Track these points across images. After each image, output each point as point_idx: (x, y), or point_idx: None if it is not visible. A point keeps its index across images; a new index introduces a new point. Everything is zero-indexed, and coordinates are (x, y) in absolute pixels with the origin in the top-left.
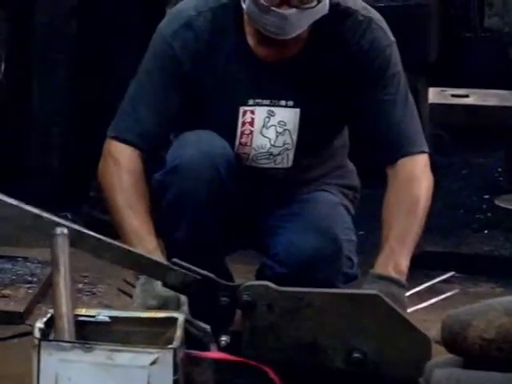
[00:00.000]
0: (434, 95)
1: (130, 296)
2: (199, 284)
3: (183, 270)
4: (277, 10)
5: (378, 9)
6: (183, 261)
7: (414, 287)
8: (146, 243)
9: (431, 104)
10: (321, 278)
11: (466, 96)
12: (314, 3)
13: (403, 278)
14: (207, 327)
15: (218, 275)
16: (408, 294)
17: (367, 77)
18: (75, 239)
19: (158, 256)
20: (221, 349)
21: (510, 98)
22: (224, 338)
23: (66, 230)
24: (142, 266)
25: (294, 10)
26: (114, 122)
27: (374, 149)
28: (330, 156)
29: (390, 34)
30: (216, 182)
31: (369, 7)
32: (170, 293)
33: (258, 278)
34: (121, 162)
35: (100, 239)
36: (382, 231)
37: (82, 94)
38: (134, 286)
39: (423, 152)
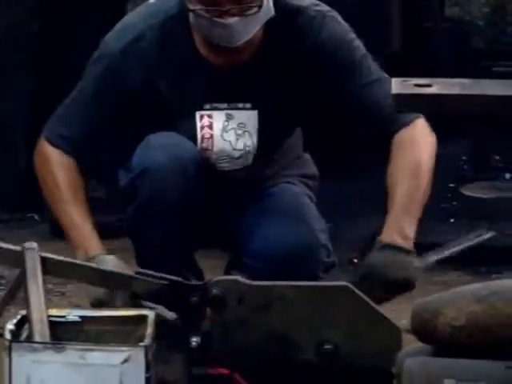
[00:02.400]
0: (397, 85)
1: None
2: (168, 289)
3: (149, 278)
4: (219, 20)
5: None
6: (153, 262)
7: None
8: (81, 230)
9: (394, 94)
10: (301, 270)
11: (430, 85)
12: (255, 9)
13: (410, 244)
14: (158, 306)
15: (188, 273)
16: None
17: (336, 70)
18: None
19: (92, 240)
20: (191, 350)
21: (473, 86)
22: (195, 339)
23: (35, 244)
24: (106, 281)
25: (236, 19)
26: (48, 122)
27: (367, 131)
28: (289, 148)
29: (343, 22)
30: (186, 185)
31: (317, 1)
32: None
33: (226, 273)
34: (51, 160)
35: (63, 261)
36: (388, 197)
37: (47, 91)
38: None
39: (415, 118)
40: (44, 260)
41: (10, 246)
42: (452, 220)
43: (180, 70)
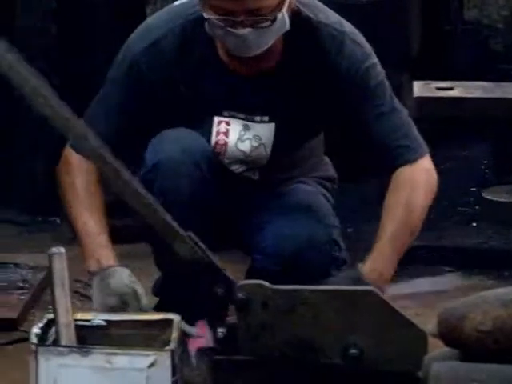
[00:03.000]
0: (419, 88)
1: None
2: (206, 265)
3: (194, 245)
4: (232, 30)
5: (359, 4)
6: (167, 256)
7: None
8: (96, 240)
9: (417, 97)
10: (311, 265)
11: (451, 89)
12: (268, 23)
13: (386, 286)
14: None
15: None
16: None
17: (350, 93)
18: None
19: (108, 251)
20: (218, 340)
21: (494, 89)
22: (221, 330)
23: (62, 249)
24: (158, 221)
25: (248, 30)
26: None
27: (371, 159)
28: (307, 154)
29: (366, 45)
30: (198, 177)
31: (342, 20)
32: (126, 288)
33: (248, 277)
34: (72, 165)
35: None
36: (377, 232)
37: (66, 96)
38: (88, 285)
39: (420, 157)
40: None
41: None
42: (474, 224)
43: (201, 73)
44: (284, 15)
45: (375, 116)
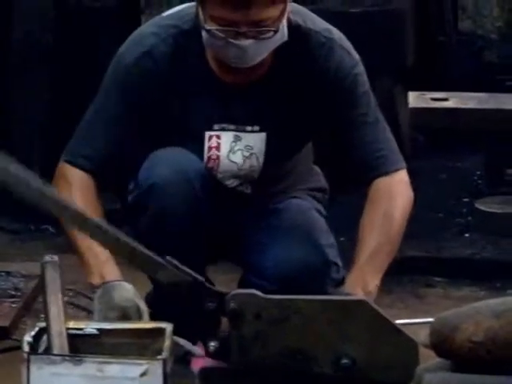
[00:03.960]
0: (414, 99)
1: (86, 310)
2: (188, 286)
3: (175, 269)
4: (234, 41)
5: (353, 15)
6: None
7: (398, 293)
8: (98, 255)
9: (412, 108)
10: (310, 288)
11: (446, 99)
12: (271, 34)
13: (371, 299)
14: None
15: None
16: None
17: (336, 99)
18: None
19: (110, 267)
20: (209, 354)
21: (489, 100)
22: (212, 344)
23: (55, 257)
24: (135, 258)
25: (251, 41)
26: (68, 145)
27: (349, 167)
28: (298, 164)
29: (354, 52)
30: (191, 196)
31: (331, 27)
32: (128, 302)
33: (241, 287)
34: (72, 183)
35: (102, 227)
36: (355, 248)
37: (62, 108)
38: (88, 298)
39: (398, 170)
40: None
41: None
42: (467, 235)
43: (191, 85)
44: (284, 26)
45: (359, 124)
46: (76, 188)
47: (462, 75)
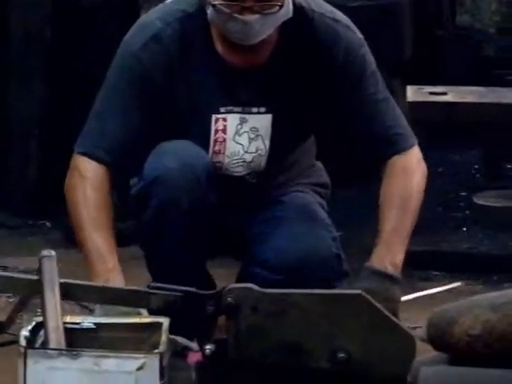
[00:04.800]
0: (412, 93)
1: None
2: (183, 300)
3: (163, 292)
4: (239, 16)
5: (351, 8)
6: (166, 270)
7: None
8: (106, 261)
9: (410, 102)
10: (313, 279)
11: (445, 93)
12: (276, 8)
13: (398, 272)
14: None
15: (201, 282)
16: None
17: (347, 79)
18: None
19: (116, 275)
20: (206, 357)
21: (487, 94)
22: (209, 347)
23: (53, 252)
24: (123, 299)
25: (256, 16)
26: (80, 137)
27: (363, 148)
28: (301, 156)
29: (358, 32)
30: (197, 191)
31: (334, 9)
32: (128, 308)
33: (239, 281)
34: (87, 179)
35: (78, 284)
36: (378, 224)
37: (60, 102)
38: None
39: (412, 146)
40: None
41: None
42: (464, 229)
43: (198, 68)
44: (289, 2)
45: (371, 103)
46: (90, 187)
47: (461, 69)
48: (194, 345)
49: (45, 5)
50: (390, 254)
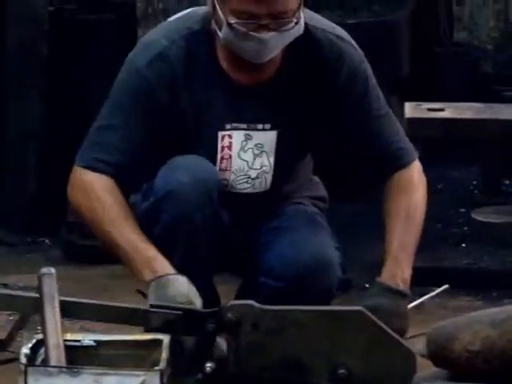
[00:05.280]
0: (411, 110)
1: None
2: (183, 319)
3: (163, 310)
4: (255, 34)
5: (349, 25)
6: None
7: None
8: (144, 252)
9: (408, 118)
10: (316, 287)
11: (442, 110)
12: (292, 25)
13: (407, 288)
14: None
15: (208, 296)
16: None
17: (350, 96)
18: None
19: (159, 261)
20: (206, 375)
21: (485, 110)
22: (209, 365)
23: (52, 269)
24: (123, 318)
25: (272, 34)
26: (82, 151)
27: (367, 163)
28: (300, 171)
29: (358, 48)
30: (209, 206)
31: (333, 24)
32: (182, 298)
33: (239, 297)
34: (94, 186)
35: (78, 303)
36: (385, 239)
37: (57, 117)
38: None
39: (415, 159)
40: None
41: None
42: (464, 245)
43: (202, 87)
44: (302, 18)
45: (374, 118)
46: (102, 192)
47: (458, 86)
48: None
49: (42, 21)
50: (399, 270)
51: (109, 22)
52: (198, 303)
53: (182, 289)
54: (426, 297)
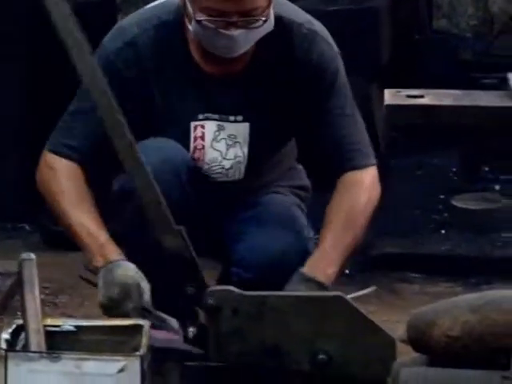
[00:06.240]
0: (390, 96)
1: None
2: (182, 261)
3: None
4: (225, 31)
5: (328, 13)
6: (148, 265)
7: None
8: (97, 237)
9: (387, 105)
10: (287, 277)
11: (422, 96)
12: (261, 23)
13: (328, 283)
14: (167, 317)
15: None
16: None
17: (317, 90)
18: None
19: (111, 248)
20: (188, 340)
21: (464, 97)
22: (191, 329)
23: (32, 255)
24: (155, 215)
25: (241, 31)
26: (51, 135)
27: (321, 157)
28: (281, 161)
29: (334, 44)
30: (178, 187)
31: (312, 19)
32: (130, 279)
33: (220, 283)
34: (57, 170)
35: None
36: (320, 234)
37: (36, 101)
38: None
39: (370, 165)
40: None
41: None
42: (443, 231)
43: (174, 77)
44: (272, 14)
45: (336, 116)
46: (65, 179)
47: (438, 73)
48: (174, 321)
49: (19, 9)
50: (324, 265)
51: (88, 9)
52: (143, 284)
53: (129, 272)
54: (352, 295)
